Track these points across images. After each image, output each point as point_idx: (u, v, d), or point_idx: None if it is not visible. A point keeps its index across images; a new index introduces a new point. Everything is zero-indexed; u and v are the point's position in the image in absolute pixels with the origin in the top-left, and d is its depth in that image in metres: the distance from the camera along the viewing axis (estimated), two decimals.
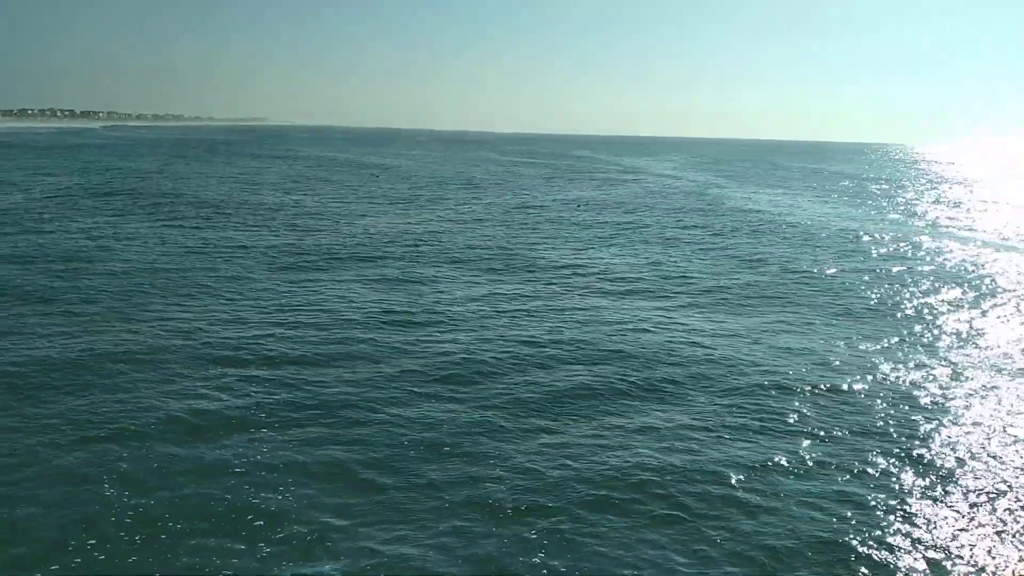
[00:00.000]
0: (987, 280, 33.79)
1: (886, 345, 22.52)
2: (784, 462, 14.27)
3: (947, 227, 55.23)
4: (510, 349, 20.88)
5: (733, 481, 13.51)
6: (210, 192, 62.07)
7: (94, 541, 11.04)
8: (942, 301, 29.11)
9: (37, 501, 12.11)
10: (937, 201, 79.53)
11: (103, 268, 30.24)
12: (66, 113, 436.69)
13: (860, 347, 22.24)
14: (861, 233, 49.42)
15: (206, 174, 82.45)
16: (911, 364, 20.65)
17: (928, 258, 40.03)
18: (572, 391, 17.72)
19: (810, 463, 14.28)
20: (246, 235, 40.01)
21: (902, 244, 44.98)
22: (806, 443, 15.17)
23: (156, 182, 69.33)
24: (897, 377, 19.50)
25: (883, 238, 47.44)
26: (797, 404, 17.32)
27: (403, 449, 14.38)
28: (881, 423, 16.41)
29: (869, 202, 75.65)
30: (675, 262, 36.24)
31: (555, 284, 30.19)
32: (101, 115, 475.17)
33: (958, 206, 74.28)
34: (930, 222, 58.44)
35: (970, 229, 54.35)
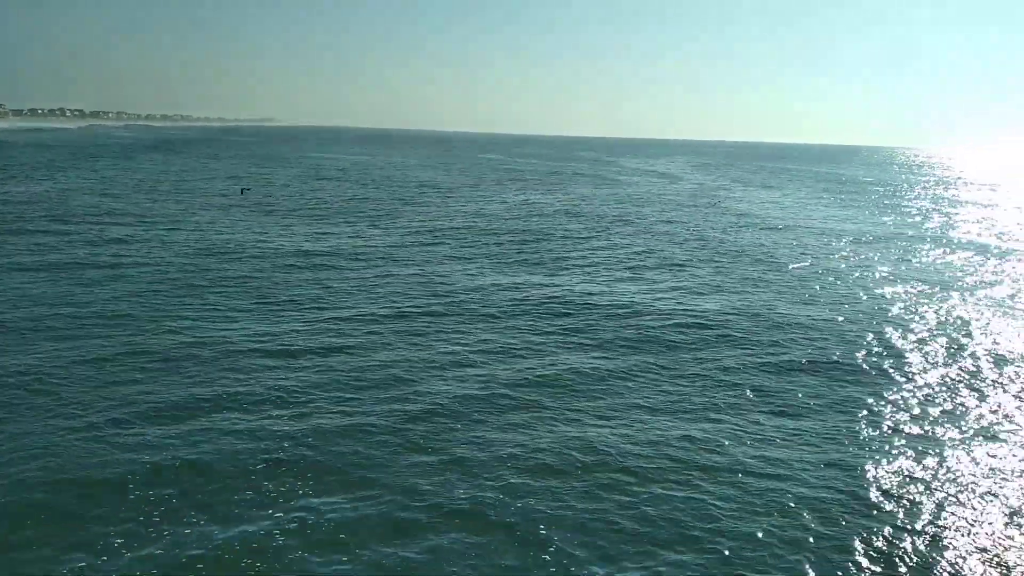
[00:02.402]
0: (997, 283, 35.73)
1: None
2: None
3: (953, 232, 57.34)
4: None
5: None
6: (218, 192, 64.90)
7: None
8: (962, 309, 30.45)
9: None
10: (952, 206, 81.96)
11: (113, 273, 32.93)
12: (76, 113, 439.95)
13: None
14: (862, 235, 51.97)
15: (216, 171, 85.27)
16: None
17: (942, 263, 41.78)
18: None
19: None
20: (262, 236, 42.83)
21: (906, 249, 46.96)
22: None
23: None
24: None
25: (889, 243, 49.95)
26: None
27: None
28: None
29: (876, 205, 78.03)
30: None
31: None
32: (111, 115, 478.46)
33: (965, 209, 76.81)
34: (941, 227, 60.26)
35: (976, 233, 56.29)
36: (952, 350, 23.45)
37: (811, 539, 12.60)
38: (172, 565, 11.27)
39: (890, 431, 17.16)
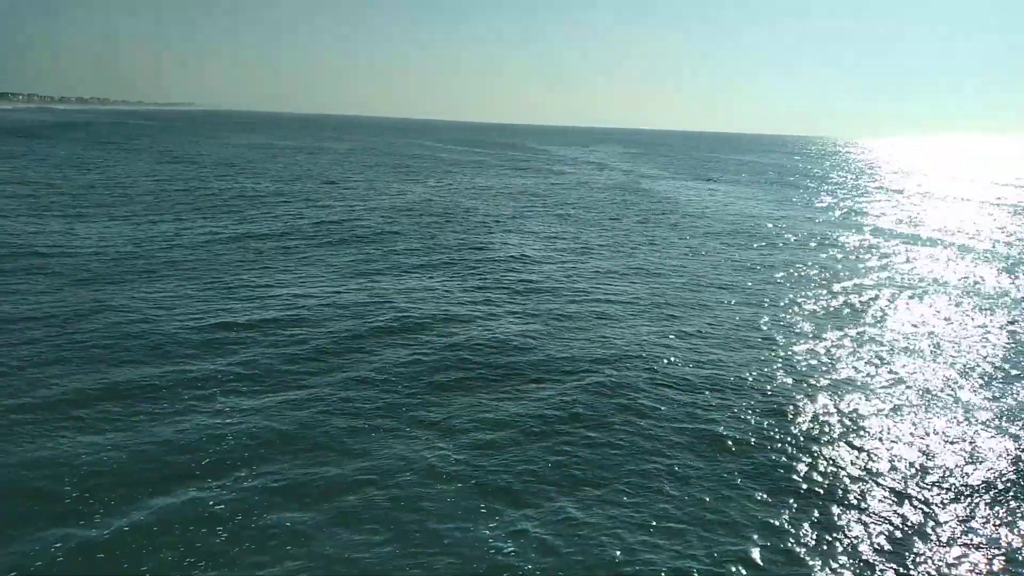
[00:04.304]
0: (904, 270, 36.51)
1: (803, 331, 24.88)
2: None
3: (864, 217, 59.15)
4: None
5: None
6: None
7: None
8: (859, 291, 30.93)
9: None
10: (864, 192, 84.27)
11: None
12: None
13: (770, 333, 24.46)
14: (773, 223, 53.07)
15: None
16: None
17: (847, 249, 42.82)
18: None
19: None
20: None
21: (816, 234, 47.99)
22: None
23: None
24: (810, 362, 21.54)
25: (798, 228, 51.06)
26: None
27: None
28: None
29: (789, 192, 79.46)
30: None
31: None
32: (21, 97, 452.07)
33: (875, 195, 79.10)
34: (849, 212, 62.25)
35: (878, 217, 58.56)
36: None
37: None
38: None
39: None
